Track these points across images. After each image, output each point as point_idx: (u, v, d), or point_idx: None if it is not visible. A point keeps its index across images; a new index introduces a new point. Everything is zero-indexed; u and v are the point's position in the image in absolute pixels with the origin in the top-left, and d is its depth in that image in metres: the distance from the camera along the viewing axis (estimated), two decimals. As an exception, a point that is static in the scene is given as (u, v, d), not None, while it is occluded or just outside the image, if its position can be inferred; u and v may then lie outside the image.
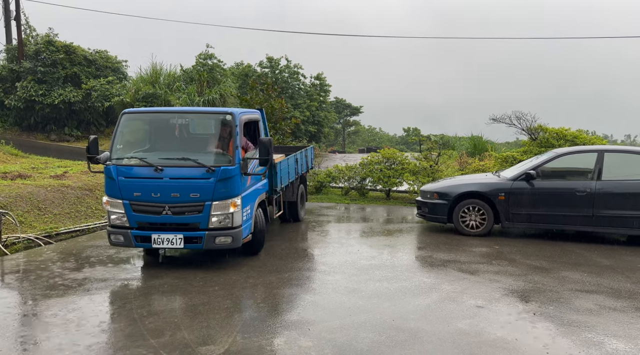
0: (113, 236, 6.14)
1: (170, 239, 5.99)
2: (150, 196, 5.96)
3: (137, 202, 6.01)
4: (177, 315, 4.76)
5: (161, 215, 5.98)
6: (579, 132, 13.26)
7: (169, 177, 5.94)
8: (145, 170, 6.01)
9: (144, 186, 5.97)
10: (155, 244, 6.01)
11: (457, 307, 5.04)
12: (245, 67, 31.47)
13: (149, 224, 6.07)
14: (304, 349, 4.03)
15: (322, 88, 32.70)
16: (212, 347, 4.05)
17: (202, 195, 5.95)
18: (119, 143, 6.29)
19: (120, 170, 6.04)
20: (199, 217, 6.00)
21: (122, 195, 6.02)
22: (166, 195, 5.94)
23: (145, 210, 6.01)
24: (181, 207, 5.97)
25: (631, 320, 4.73)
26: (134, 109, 6.57)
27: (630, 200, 7.67)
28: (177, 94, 22.78)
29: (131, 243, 6.08)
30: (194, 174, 5.98)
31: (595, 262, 6.87)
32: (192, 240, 6.03)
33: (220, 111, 6.58)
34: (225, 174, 5.97)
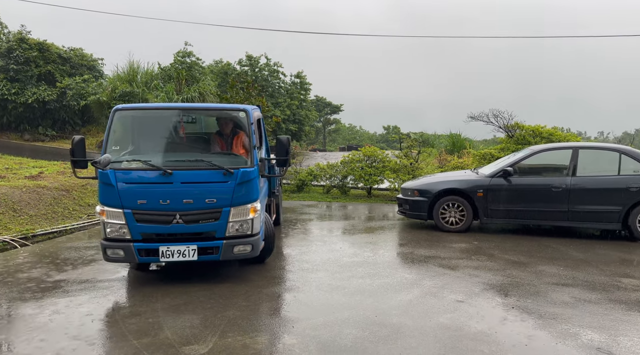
0: (110, 251, 5.35)
1: (181, 250, 5.35)
2: (158, 204, 5.27)
3: (141, 211, 5.27)
4: (159, 315, 4.72)
5: (171, 224, 5.31)
6: (554, 129, 13.57)
7: (180, 181, 5.30)
8: (150, 174, 5.31)
9: (150, 193, 5.27)
10: (164, 258, 5.34)
11: (438, 302, 5.12)
12: (224, 65, 31.26)
13: (156, 235, 5.37)
14: (288, 347, 4.04)
15: (303, 86, 32.71)
16: (196, 347, 4.04)
17: (220, 201, 5.37)
18: (113, 144, 5.52)
19: (119, 175, 5.28)
20: (215, 225, 5.42)
21: (122, 203, 5.26)
22: (177, 202, 5.29)
23: (151, 219, 5.30)
24: (195, 215, 5.35)
25: (605, 311, 4.88)
26: (128, 105, 5.76)
27: (603, 196, 7.89)
28: (155, 93, 22.50)
29: (134, 258, 5.35)
30: (209, 177, 5.38)
31: (571, 256, 7.05)
32: (207, 251, 5.43)
33: (233, 108, 6.01)
34: (245, 177, 5.43)
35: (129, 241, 5.34)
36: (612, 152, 8.24)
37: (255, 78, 29.04)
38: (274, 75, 31.28)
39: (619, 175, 7.94)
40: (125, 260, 5.45)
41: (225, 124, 6.12)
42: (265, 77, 30.85)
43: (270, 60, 31.15)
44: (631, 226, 7.77)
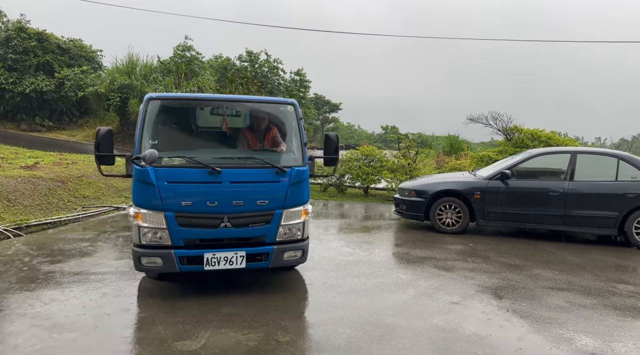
0: (146, 259, 4.74)
1: (229, 257, 4.84)
2: (205, 205, 4.73)
3: (186, 214, 4.71)
4: (152, 310, 4.69)
5: (218, 228, 4.79)
6: (552, 133, 13.58)
7: (230, 181, 4.79)
8: (196, 173, 4.73)
9: (196, 193, 4.73)
10: (209, 266, 4.81)
11: (433, 303, 5.10)
12: (224, 60, 31.18)
13: (200, 240, 4.83)
14: (282, 344, 4.02)
15: (302, 84, 32.66)
16: (189, 342, 4.00)
17: (272, 203, 4.94)
18: (150, 137, 4.89)
19: (160, 174, 4.65)
20: (265, 229, 4.96)
21: (164, 205, 4.66)
22: (226, 203, 4.78)
23: (196, 223, 4.75)
24: (245, 218, 4.87)
25: (600, 317, 4.87)
26: (163, 94, 5.14)
27: (600, 201, 7.89)
28: (153, 86, 22.41)
29: (174, 266, 4.76)
30: (260, 176, 4.93)
31: (567, 260, 7.04)
32: (255, 257, 4.96)
33: (280, 101, 5.45)
34: (299, 177, 5.04)
35: (169, 248, 4.74)
36: (611, 158, 8.24)
37: (255, 74, 28.98)
38: (273, 72, 31.23)
39: (617, 181, 7.94)
40: (164, 269, 4.79)
41: (273, 118, 5.54)
42: (265, 73, 30.79)
43: (270, 57, 31.10)
44: (627, 232, 7.78)
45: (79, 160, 13.32)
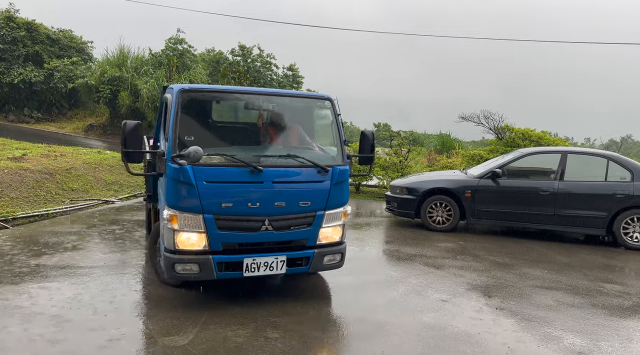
0: (181, 266, 4.35)
1: (269, 263, 4.53)
2: (246, 207, 4.39)
3: (226, 217, 4.35)
4: (139, 305, 4.64)
5: (259, 232, 4.47)
6: (543, 133, 13.66)
7: (272, 180, 4.46)
8: (237, 172, 4.36)
9: (237, 194, 4.37)
10: (249, 272, 4.49)
11: (423, 300, 5.10)
12: (216, 54, 30.98)
13: (239, 244, 4.50)
14: (271, 340, 3.99)
15: (295, 79, 32.54)
16: (176, 338, 3.96)
17: (314, 204, 4.66)
18: (185, 133, 4.44)
19: (200, 173, 4.25)
20: (307, 232, 4.68)
21: (203, 207, 4.28)
22: (268, 205, 4.46)
23: (236, 226, 4.41)
24: (287, 220, 4.57)
25: (587, 316, 4.91)
26: (196, 86, 4.75)
27: (590, 201, 7.95)
28: (144, 78, 22.19)
29: (212, 273, 4.41)
30: (303, 176, 4.64)
31: (555, 259, 7.09)
32: (295, 262, 4.69)
33: (317, 96, 5.16)
34: (341, 176, 4.77)
35: (207, 253, 4.38)
36: (600, 158, 8.30)
37: (247, 68, 28.83)
38: (266, 67, 31.08)
39: (606, 181, 7.99)
40: (200, 276, 4.42)
41: (309, 113, 5.27)
42: (257, 68, 30.64)
43: (263, 52, 30.95)
44: (615, 232, 7.84)
45: (67, 153, 13.16)
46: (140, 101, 21.43)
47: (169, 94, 4.68)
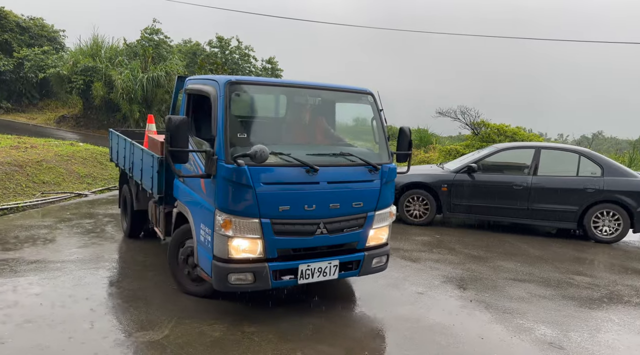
0: (235, 276, 3.99)
1: (322, 268, 4.27)
2: (303, 210, 4.11)
3: (282, 221, 4.04)
4: (113, 299, 4.56)
5: (314, 235, 4.18)
6: (518, 129, 13.91)
7: (327, 181, 4.18)
8: (293, 172, 4.05)
9: (293, 196, 4.07)
10: (303, 279, 4.20)
11: (399, 293, 5.15)
12: (193, 45, 30.53)
13: (294, 250, 4.20)
14: (247, 335, 3.97)
15: (274, 72, 32.31)
16: (151, 333, 3.91)
17: (366, 204, 4.44)
18: (237, 130, 4.14)
19: (256, 173, 3.91)
20: (358, 234, 4.46)
21: (260, 211, 3.96)
22: (323, 207, 4.18)
23: (292, 230, 4.11)
24: (340, 222, 4.32)
25: (558, 307, 5.03)
26: (244, 78, 4.37)
27: (562, 195, 8.13)
28: (119, 69, 21.73)
29: (267, 282, 4.07)
30: (356, 175, 4.39)
31: (528, 252, 7.24)
32: (347, 266, 4.47)
33: (358, 90, 4.80)
34: (391, 175, 4.58)
35: (263, 261, 4.07)
36: (572, 154, 8.48)
37: (225, 60, 28.49)
38: (244, 59, 30.78)
39: (577, 176, 8.18)
40: (255, 286, 4.07)
41: (350, 108, 5.05)
42: (235, 60, 30.31)
43: (242, 44, 30.63)
44: (586, 226, 8.04)
45: (38, 144, 12.80)
46: (115, 92, 20.99)
47: (210, 87, 4.26)
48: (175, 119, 3.88)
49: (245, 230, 3.96)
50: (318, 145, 4.70)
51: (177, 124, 3.87)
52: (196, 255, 4.37)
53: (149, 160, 5.33)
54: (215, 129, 4.04)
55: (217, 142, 3.98)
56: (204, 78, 4.60)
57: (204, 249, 4.20)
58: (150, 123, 7.01)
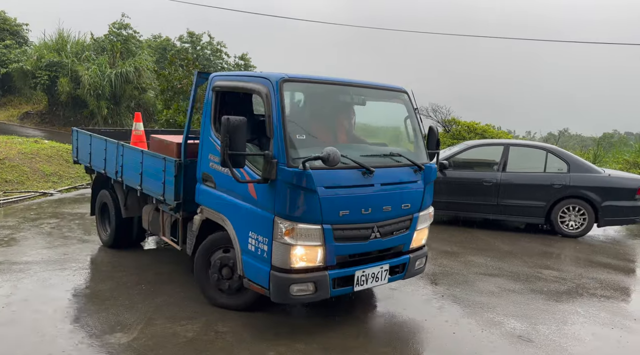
0: (297, 287, 3.76)
1: (375, 273, 4.14)
2: (360, 214, 3.95)
3: (342, 226, 3.87)
4: (80, 301, 4.43)
5: (368, 240, 4.03)
6: (487, 126, 14.18)
7: (380, 182, 4.05)
8: (351, 175, 3.88)
9: (352, 199, 3.90)
10: (359, 286, 4.06)
11: (374, 289, 5.17)
12: (163, 40, 29.98)
13: (350, 256, 4.02)
14: (221, 334, 3.92)
15: (247, 69, 32.01)
16: (120, 335, 3.81)
17: (412, 206, 4.34)
18: (295, 131, 3.86)
19: (320, 177, 3.69)
20: (405, 237, 4.36)
21: (322, 216, 3.76)
22: (377, 209, 4.05)
23: (350, 236, 3.93)
24: (392, 225, 4.20)
25: (527, 301, 5.15)
26: (297, 76, 4.04)
27: (530, 191, 8.32)
28: (86, 64, 21.14)
29: (327, 291, 3.88)
30: (405, 176, 4.27)
31: (498, 247, 7.39)
32: (394, 270, 4.34)
33: (394, 88, 4.65)
34: (433, 174, 4.50)
35: (323, 269, 3.86)
36: (540, 150, 8.69)
37: (196, 56, 28.07)
38: (216, 55, 30.40)
39: (545, 172, 8.39)
40: (315, 297, 3.87)
41: (387, 106, 4.86)
42: (207, 56, 29.92)
43: (214, 39, 30.23)
44: (553, 221, 8.26)
45: (0, 142, 12.34)
46: (82, 88, 20.41)
47: (257, 84, 3.97)
48: (234, 121, 3.55)
49: (307, 237, 3.74)
50: (366, 146, 4.56)
51: (236, 125, 3.56)
52: (240, 265, 4.07)
53: (158, 163, 4.81)
54: (270, 130, 3.76)
55: (274, 144, 3.70)
56: (243, 74, 4.32)
57: (255, 259, 3.93)
58: (137, 122, 6.39)
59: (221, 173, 4.18)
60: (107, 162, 5.81)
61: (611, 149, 18.06)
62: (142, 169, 5.13)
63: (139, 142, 6.13)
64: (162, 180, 4.75)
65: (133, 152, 5.37)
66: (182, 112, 12.73)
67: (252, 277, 3.99)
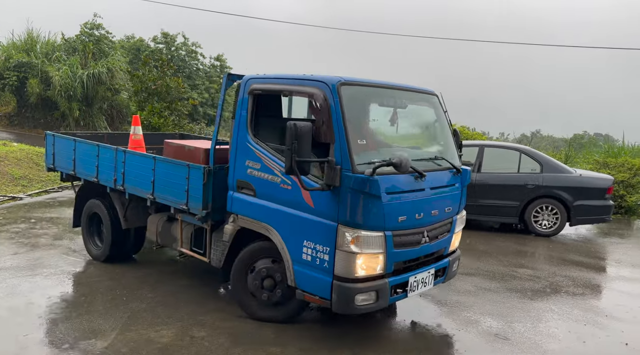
0: (362, 297, 3.67)
1: (423, 278, 4.10)
2: (414, 219, 3.91)
3: (400, 232, 3.81)
4: (52, 308, 4.30)
5: (420, 245, 3.99)
6: (462, 128, 14.36)
7: (430, 187, 4.02)
8: (406, 179, 3.82)
9: (409, 205, 3.86)
10: (411, 293, 4.02)
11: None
12: (137, 41, 29.47)
13: (404, 262, 3.97)
14: (197, 340, 3.86)
15: (223, 70, 31.74)
16: (94, 342, 3.71)
17: (453, 209, 4.36)
18: (357, 135, 3.75)
19: (384, 183, 3.62)
20: (447, 240, 4.36)
21: (385, 223, 3.70)
22: (427, 214, 4.03)
23: (405, 241, 3.87)
24: (437, 229, 4.19)
25: (503, 299, 5.22)
26: (355, 79, 3.94)
27: (504, 191, 8.47)
28: (56, 65, 20.62)
29: (385, 300, 3.81)
30: (448, 179, 4.27)
31: (474, 247, 7.49)
32: (437, 274, 4.31)
33: (425, 91, 4.57)
34: (469, 177, 4.49)
35: (383, 277, 3.79)
36: (514, 151, 8.85)
37: (171, 57, 27.69)
38: (191, 56, 30.05)
39: (519, 172, 8.55)
40: (375, 306, 3.78)
41: (419, 109, 4.74)
42: (182, 57, 29.54)
43: (188, 40, 29.88)
44: (527, 220, 8.42)
45: None
46: (52, 89, 19.90)
47: (311, 88, 3.85)
48: (302, 126, 3.45)
49: (371, 245, 3.65)
50: (413, 150, 4.50)
51: (304, 131, 3.46)
52: (292, 276, 3.90)
53: (179, 170, 4.52)
54: (329, 135, 3.64)
55: (335, 150, 3.60)
56: (289, 77, 4.11)
57: (311, 269, 3.78)
58: (136, 125, 5.98)
59: (264, 180, 4.03)
60: (100, 169, 5.34)
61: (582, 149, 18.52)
62: (154, 177, 4.77)
63: (139, 148, 5.75)
64: (185, 188, 4.45)
65: (141, 158, 5.00)
66: (156, 113, 12.54)
67: (307, 288, 3.84)
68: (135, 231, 5.59)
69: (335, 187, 3.58)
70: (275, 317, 4.25)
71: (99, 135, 6.80)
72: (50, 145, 6.11)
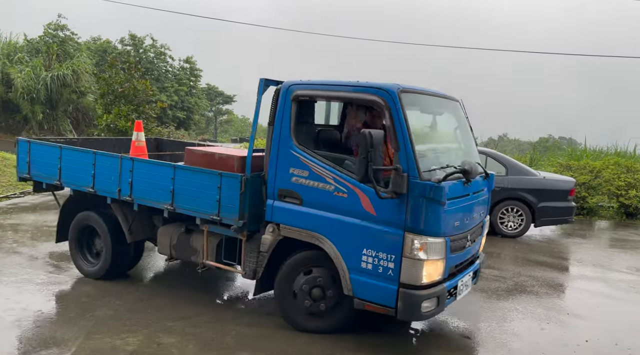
0: (427, 304, 3.67)
1: (466, 281, 4.19)
2: (464, 223, 4.00)
3: (454, 236, 3.86)
4: (14, 315, 4.15)
5: (465, 249, 4.08)
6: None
7: (472, 191, 4.10)
8: (457, 185, 3.85)
9: (461, 210, 3.94)
10: (459, 296, 4.09)
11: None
12: (103, 42, 28.89)
13: (455, 266, 4.01)
14: (165, 346, 3.79)
15: (193, 72, 31.45)
16: (55, 350, 3.61)
17: (485, 212, 4.51)
18: (419, 141, 3.80)
19: (446, 189, 3.66)
20: (479, 243, 4.52)
21: (445, 229, 3.73)
22: (470, 218, 4.13)
23: (457, 246, 3.93)
24: (474, 233, 4.28)
25: (470, 300, 5.28)
26: (412, 87, 3.96)
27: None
28: (18, 67, 19.99)
29: (442, 305, 3.84)
30: (480, 184, 4.31)
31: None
32: (472, 276, 4.46)
33: (453, 97, 4.61)
34: (494, 182, 4.59)
35: (441, 282, 3.81)
36: (480, 155, 9.03)
37: (139, 59, 27.22)
38: (160, 58, 29.67)
39: (485, 175, 8.74)
40: (435, 312, 3.80)
41: (447, 114, 4.68)
42: (150, 59, 29.13)
43: (157, 42, 29.47)
44: (493, 222, 8.61)
45: None
46: (14, 92, 19.28)
47: (370, 95, 3.81)
48: (376, 135, 3.45)
49: (436, 251, 3.66)
50: (450, 155, 4.44)
51: (378, 139, 3.47)
52: (349, 285, 3.83)
53: (209, 179, 4.31)
54: (395, 143, 3.65)
55: (401, 157, 3.60)
56: (341, 84, 4.03)
57: (373, 277, 3.74)
58: (139, 131, 5.66)
59: (314, 188, 3.94)
60: (97, 178, 4.93)
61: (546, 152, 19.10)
62: (173, 186, 4.49)
63: (142, 155, 5.45)
64: (216, 198, 4.24)
65: (157, 167, 4.72)
66: (123, 116, 12.30)
67: (367, 297, 3.79)
68: (134, 245, 5.21)
69: (402, 194, 3.58)
70: (320, 327, 4.16)
71: (74, 141, 6.29)
72: (25, 153, 5.48)
